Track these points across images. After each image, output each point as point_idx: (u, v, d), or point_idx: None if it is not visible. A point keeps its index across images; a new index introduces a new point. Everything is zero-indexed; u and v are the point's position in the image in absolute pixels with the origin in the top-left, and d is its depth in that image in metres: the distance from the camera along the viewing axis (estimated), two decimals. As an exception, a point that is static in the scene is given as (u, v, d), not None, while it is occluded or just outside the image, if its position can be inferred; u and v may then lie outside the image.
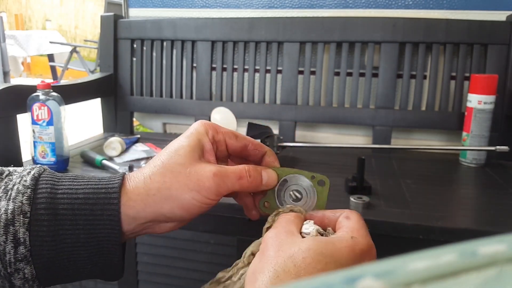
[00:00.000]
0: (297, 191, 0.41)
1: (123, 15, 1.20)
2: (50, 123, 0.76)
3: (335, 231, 0.36)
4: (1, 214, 0.34)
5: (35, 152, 0.78)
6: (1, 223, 0.34)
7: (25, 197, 0.34)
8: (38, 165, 0.39)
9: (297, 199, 0.41)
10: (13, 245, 0.34)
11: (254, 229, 0.65)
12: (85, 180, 0.37)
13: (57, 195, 0.35)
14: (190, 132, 0.40)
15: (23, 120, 0.82)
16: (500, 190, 0.73)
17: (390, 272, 0.11)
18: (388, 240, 0.58)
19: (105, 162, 0.81)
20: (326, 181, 0.41)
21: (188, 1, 1.14)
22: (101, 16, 1.16)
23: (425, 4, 0.99)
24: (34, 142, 0.78)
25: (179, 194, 0.36)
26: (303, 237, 0.35)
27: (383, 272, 0.11)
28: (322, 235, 0.36)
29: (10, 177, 0.36)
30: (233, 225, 0.64)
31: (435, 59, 0.96)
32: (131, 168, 0.76)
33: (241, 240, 0.65)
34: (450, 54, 0.95)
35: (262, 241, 0.35)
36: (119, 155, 0.88)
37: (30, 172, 0.37)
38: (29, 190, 0.35)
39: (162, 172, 0.37)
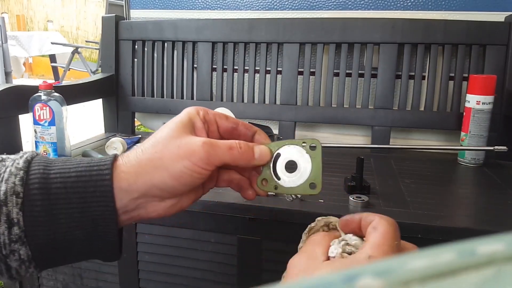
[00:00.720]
0: (291, 161, 0.42)
1: (125, 16, 1.20)
2: (52, 123, 0.77)
3: None
4: None
5: (37, 152, 0.79)
6: None
7: (17, 178, 0.34)
8: (31, 150, 0.38)
9: (293, 169, 0.42)
10: (6, 226, 0.33)
11: (255, 228, 0.66)
12: (78, 161, 0.38)
13: (49, 175, 0.35)
14: (182, 113, 0.41)
15: (25, 120, 0.83)
16: (498, 189, 0.73)
17: (389, 270, 0.11)
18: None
19: (106, 162, 0.81)
20: (317, 143, 0.41)
21: (188, 3, 1.15)
22: (103, 17, 1.17)
23: (423, 5, 1.00)
24: (36, 142, 0.78)
25: (170, 163, 0.37)
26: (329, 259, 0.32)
27: (382, 271, 0.11)
28: (350, 253, 0.33)
29: (4, 162, 0.37)
30: (233, 224, 0.65)
31: (433, 60, 0.97)
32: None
33: (241, 239, 0.65)
34: (448, 54, 0.96)
35: (288, 266, 0.34)
36: (120, 155, 0.89)
37: (23, 156, 0.37)
38: (21, 171, 0.35)
39: (153, 145, 0.38)
